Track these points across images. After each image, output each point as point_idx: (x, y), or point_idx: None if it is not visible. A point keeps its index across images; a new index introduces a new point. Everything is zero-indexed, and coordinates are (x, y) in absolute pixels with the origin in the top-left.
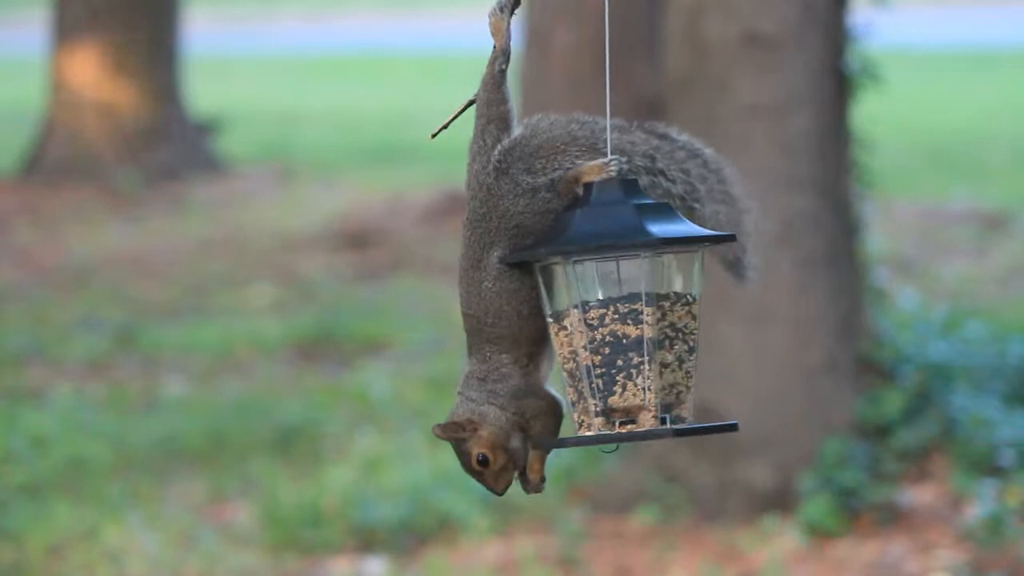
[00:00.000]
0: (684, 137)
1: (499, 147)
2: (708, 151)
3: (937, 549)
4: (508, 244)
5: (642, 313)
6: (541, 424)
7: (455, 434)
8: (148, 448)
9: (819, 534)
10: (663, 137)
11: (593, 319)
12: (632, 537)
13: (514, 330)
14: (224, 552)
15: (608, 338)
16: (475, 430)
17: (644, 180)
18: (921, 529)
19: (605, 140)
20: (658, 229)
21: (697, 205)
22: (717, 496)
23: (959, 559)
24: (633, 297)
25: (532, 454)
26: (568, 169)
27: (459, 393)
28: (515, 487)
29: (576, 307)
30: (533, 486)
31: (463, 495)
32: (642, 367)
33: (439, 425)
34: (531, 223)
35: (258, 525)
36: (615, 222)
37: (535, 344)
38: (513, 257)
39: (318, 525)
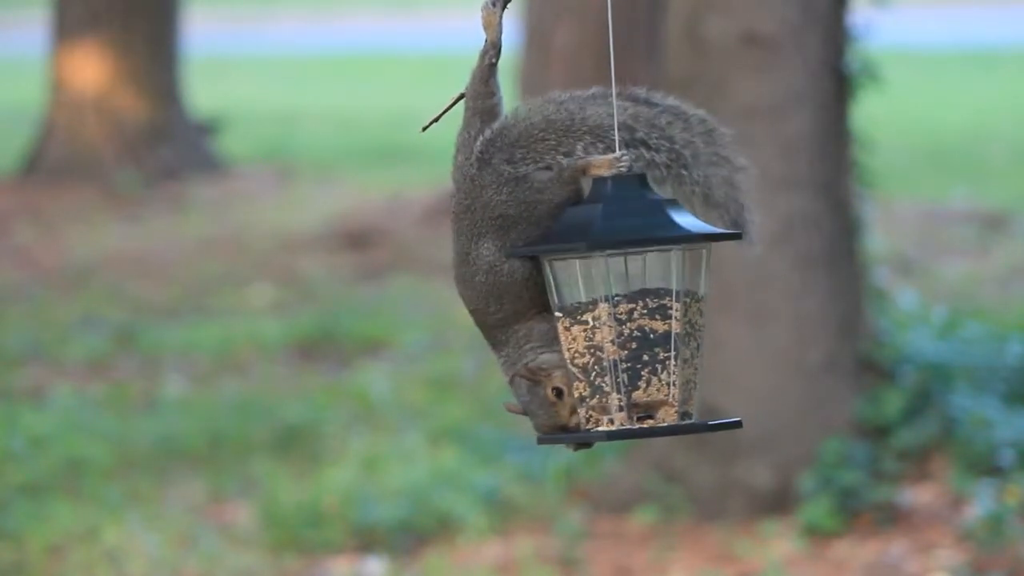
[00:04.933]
0: (669, 100)
1: (481, 138)
2: (695, 112)
3: (937, 549)
4: (494, 235)
5: (671, 308)
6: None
7: (534, 376)
8: (148, 448)
9: (819, 534)
10: (645, 102)
11: (622, 314)
12: (632, 537)
13: (518, 308)
14: (224, 552)
15: (636, 333)
16: (548, 374)
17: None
18: (921, 529)
19: (582, 120)
20: (686, 223)
21: (684, 172)
22: (717, 496)
23: (959, 559)
24: (662, 292)
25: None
26: (577, 158)
27: (509, 376)
28: (515, 488)
29: (605, 301)
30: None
31: (463, 495)
32: (668, 362)
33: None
34: (515, 213)
35: (258, 525)
36: (643, 217)
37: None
38: (530, 251)
39: (318, 525)
